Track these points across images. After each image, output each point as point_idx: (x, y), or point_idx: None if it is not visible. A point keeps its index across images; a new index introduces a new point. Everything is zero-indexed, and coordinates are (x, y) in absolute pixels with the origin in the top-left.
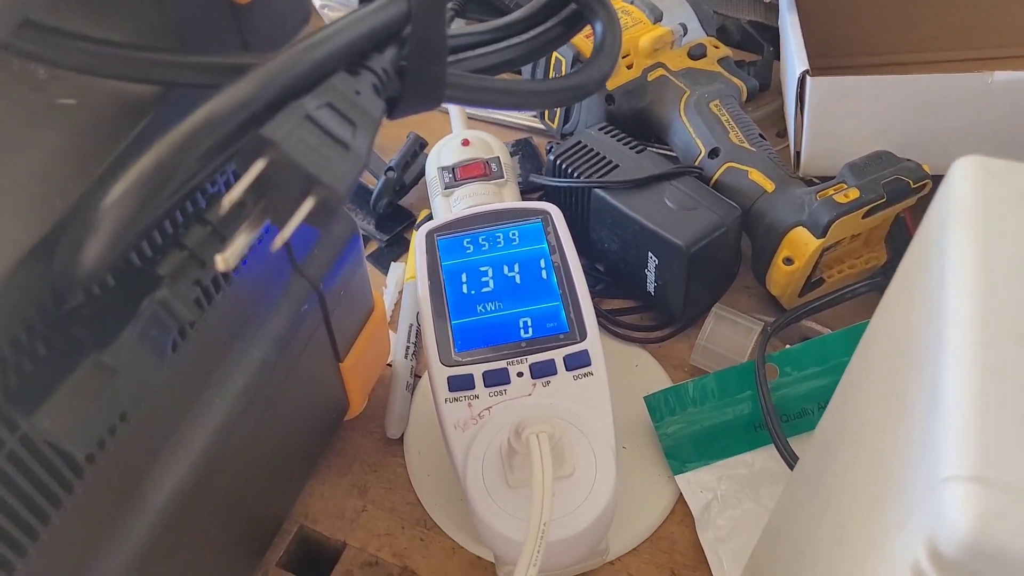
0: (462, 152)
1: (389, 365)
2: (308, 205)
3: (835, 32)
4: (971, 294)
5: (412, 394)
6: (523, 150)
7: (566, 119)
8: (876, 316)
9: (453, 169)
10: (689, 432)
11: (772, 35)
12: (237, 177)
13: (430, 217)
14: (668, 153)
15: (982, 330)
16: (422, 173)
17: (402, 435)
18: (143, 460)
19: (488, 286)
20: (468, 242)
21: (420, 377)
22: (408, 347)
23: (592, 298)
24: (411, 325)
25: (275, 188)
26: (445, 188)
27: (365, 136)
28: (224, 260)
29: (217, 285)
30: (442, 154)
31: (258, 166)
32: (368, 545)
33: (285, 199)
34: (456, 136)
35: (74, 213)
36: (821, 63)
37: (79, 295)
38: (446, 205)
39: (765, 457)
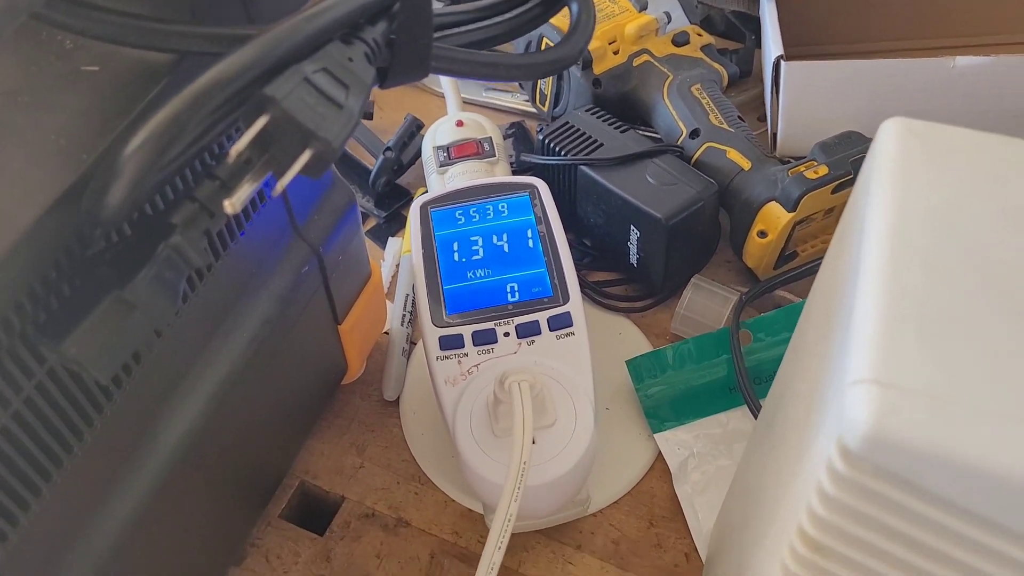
0: (456, 132)
1: (386, 333)
2: (305, 157)
3: (810, 21)
4: (885, 231)
5: (408, 359)
6: (516, 133)
7: (556, 103)
8: (820, 269)
9: (448, 148)
10: (668, 393)
11: (754, 25)
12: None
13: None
14: (652, 135)
15: (891, 260)
16: (419, 154)
17: (398, 398)
18: (155, 402)
19: (478, 254)
20: (460, 214)
21: (415, 344)
22: (404, 315)
23: (579, 271)
24: (407, 295)
25: (276, 143)
26: (440, 166)
27: (357, 98)
28: (231, 204)
29: (223, 238)
30: (437, 134)
31: (261, 121)
32: (365, 499)
33: (284, 152)
34: (451, 117)
35: (98, 165)
36: (796, 51)
37: (102, 238)
38: (441, 182)
39: (738, 417)
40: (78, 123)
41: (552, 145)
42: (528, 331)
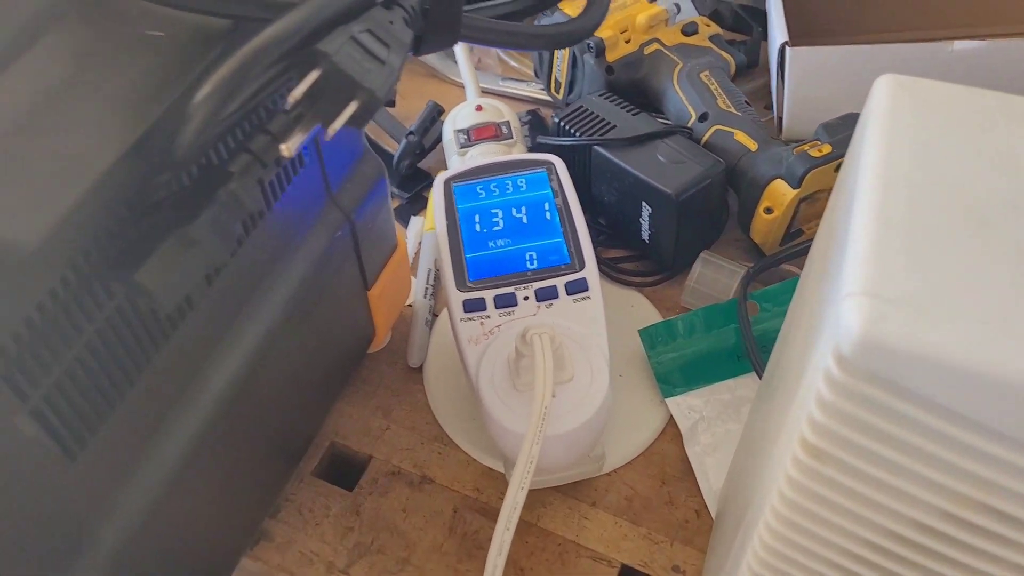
0: (476, 116)
1: (409, 305)
2: (352, 107)
3: (814, 13)
4: (876, 168)
5: (431, 330)
6: (532, 120)
7: (570, 90)
8: (821, 222)
9: (468, 131)
10: (678, 360)
11: (761, 17)
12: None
13: None
14: (663, 120)
15: (882, 192)
16: (439, 138)
17: (421, 366)
18: (204, 349)
19: (498, 225)
20: (480, 188)
21: (437, 316)
22: (427, 288)
23: (594, 248)
24: (429, 270)
25: (324, 96)
26: (460, 148)
27: (397, 55)
28: (287, 148)
29: (270, 193)
30: (458, 119)
31: (314, 74)
32: (392, 458)
33: (333, 103)
34: (471, 103)
35: (165, 117)
36: (802, 42)
37: (170, 182)
38: (462, 163)
39: (746, 384)
40: (145, 81)
41: (568, 127)
42: (546, 295)
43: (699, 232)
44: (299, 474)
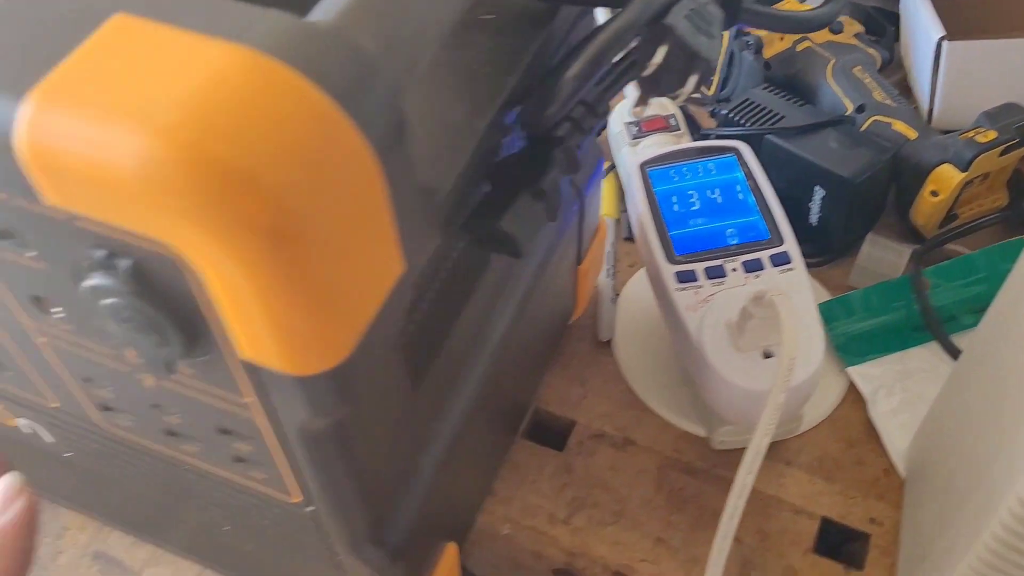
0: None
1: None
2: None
3: (965, 12)
4: None
5: (615, 306)
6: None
7: (723, 86)
8: None
9: (638, 123)
10: (857, 331)
11: (893, 18)
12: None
13: (611, 167)
14: None
15: None
16: (601, 129)
17: (609, 341)
18: (487, 304)
19: (695, 205)
20: (674, 172)
21: (619, 294)
22: (609, 268)
23: None
24: (608, 252)
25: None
26: (632, 139)
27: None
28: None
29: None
30: (625, 112)
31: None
32: (593, 422)
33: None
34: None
35: (516, 89)
36: (956, 37)
37: (516, 142)
38: (633, 154)
39: (919, 355)
40: (490, 57)
41: (736, 118)
42: (753, 267)
43: (866, 215)
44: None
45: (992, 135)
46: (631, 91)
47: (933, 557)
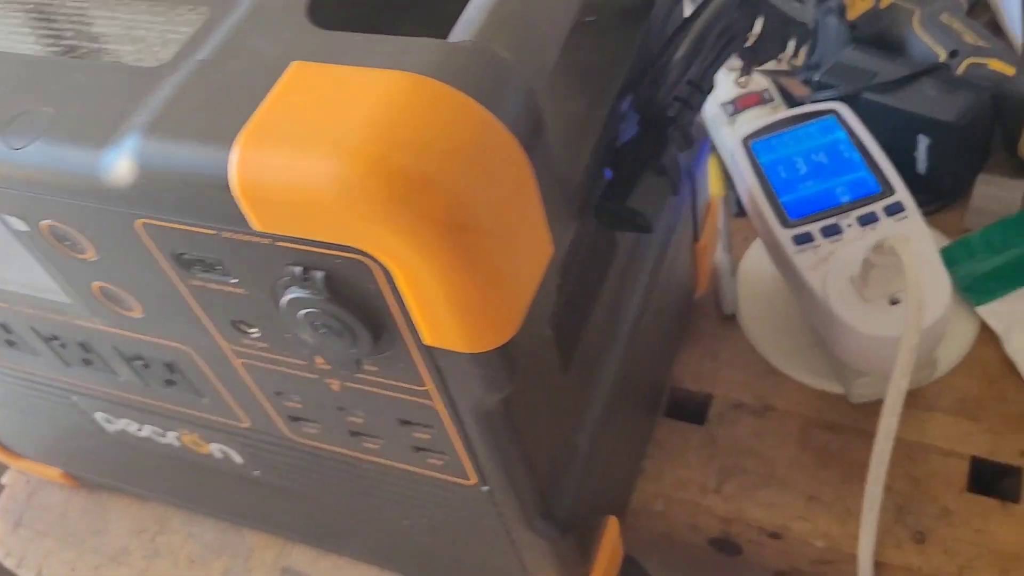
0: (737, 88)
1: None
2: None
3: None
4: None
5: (736, 280)
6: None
7: (810, 53)
8: None
9: (733, 102)
10: (982, 271)
11: None
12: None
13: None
14: None
15: None
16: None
17: (733, 315)
18: (620, 285)
19: (802, 170)
20: (776, 142)
21: (737, 268)
22: (724, 244)
23: None
24: (719, 228)
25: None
26: (730, 117)
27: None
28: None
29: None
30: (719, 93)
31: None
32: (729, 393)
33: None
34: (726, 77)
35: (627, 79)
36: None
37: (641, 124)
38: (732, 132)
39: None
40: (601, 53)
41: (829, 83)
42: (868, 219)
43: (974, 156)
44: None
45: None
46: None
47: None
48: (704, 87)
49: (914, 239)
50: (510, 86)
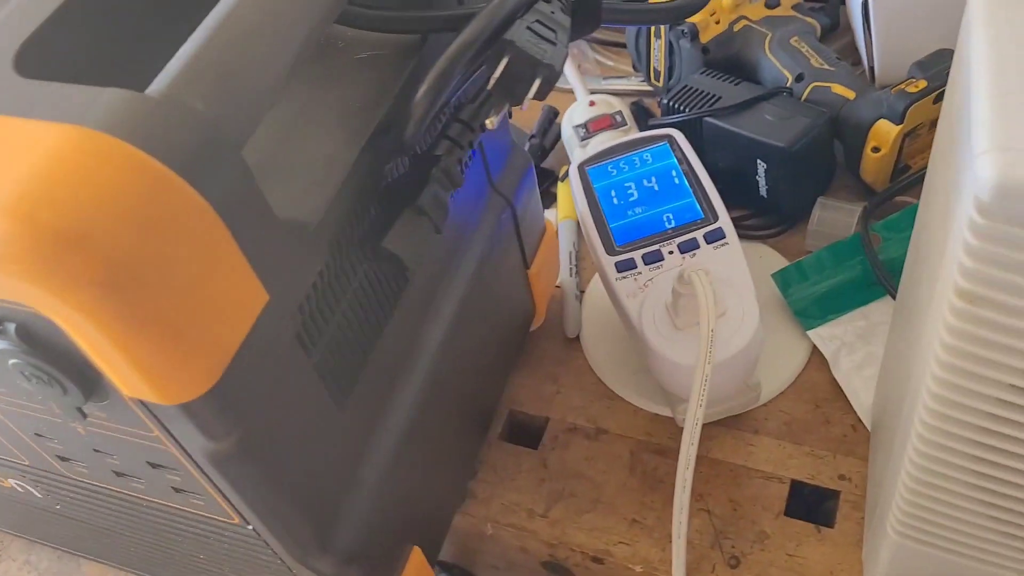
0: (591, 111)
1: (558, 287)
2: (536, 83)
3: None
4: (987, 48)
5: (580, 303)
6: (637, 110)
7: (670, 76)
8: (937, 126)
9: (585, 125)
10: (813, 295)
11: None
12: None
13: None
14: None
15: (996, 66)
16: (558, 137)
17: (578, 336)
18: (418, 313)
19: (633, 196)
20: (611, 167)
21: (583, 292)
22: (571, 268)
23: None
24: (569, 252)
25: (510, 80)
26: (582, 140)
27: (564, 37)
28: (491, 122)
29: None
30: (574, 116)
31: (503, 61)
32: (566, 416)
33: (519, 83)
34: (583, 100)
35: (388, 117)
36: None
37: (396, 168)
38: (584, 154)
39: (878, 309)
40: (364, 91)
41: (676, 106)
42: (688, 246)
43: (813, 180)
44: (488, 440)
45: (923, 84)
46: (580, 92)
47: (880, 502)
48: (475, 126)
49: (730, 268)
50: (203, 141)
